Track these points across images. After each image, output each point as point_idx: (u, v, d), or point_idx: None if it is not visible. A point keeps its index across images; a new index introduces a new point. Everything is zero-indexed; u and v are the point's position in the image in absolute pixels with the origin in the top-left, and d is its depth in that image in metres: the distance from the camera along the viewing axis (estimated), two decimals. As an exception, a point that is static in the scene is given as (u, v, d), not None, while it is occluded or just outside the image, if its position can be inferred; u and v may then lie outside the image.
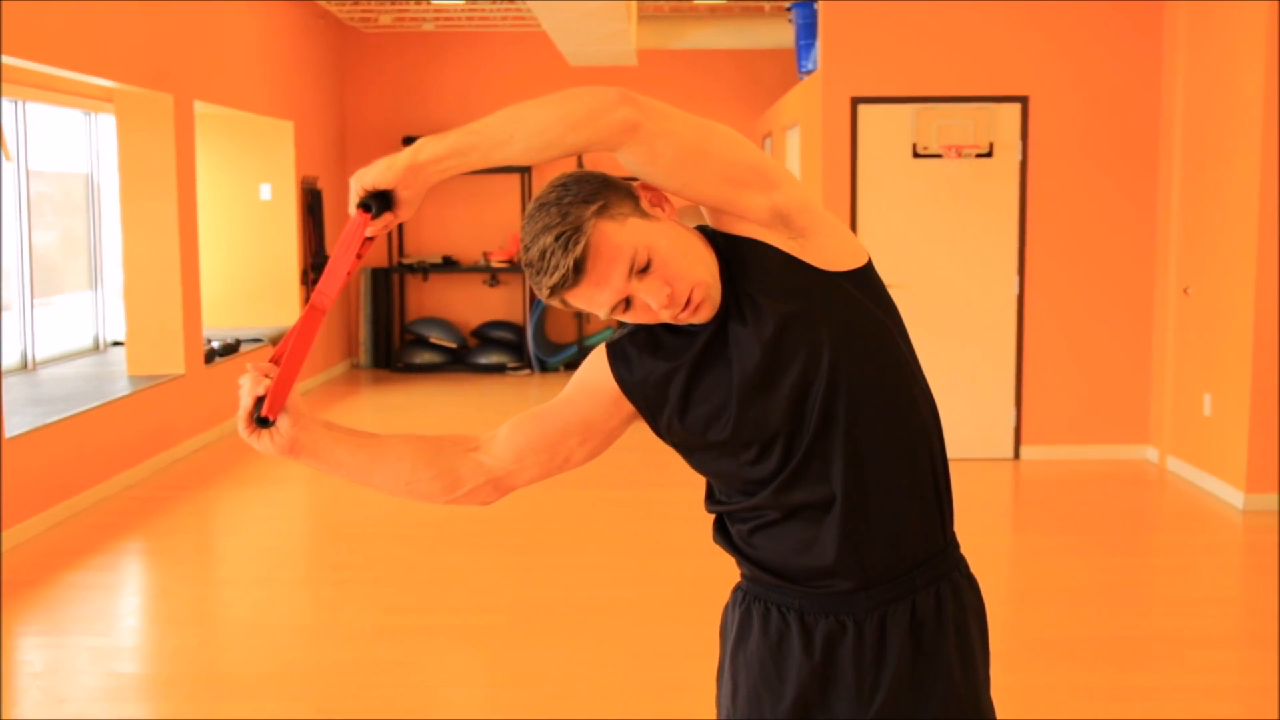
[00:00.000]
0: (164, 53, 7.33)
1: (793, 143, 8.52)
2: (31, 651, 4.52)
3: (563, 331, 11.38)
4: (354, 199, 1.54)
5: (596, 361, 1.73)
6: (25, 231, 8.02)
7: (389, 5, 10.21)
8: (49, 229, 8.76)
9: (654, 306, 1.59)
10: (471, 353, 11.09)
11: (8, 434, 5.67)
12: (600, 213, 1.55)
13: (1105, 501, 6.37)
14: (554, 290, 1.57)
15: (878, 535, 1.66)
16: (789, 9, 8.35)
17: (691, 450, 1.72)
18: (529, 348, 10.93)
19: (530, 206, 1.59)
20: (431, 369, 11.01)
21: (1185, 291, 6.63)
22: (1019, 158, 6.97)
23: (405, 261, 11.18)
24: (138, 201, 7.45)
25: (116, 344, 9.06)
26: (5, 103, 7.72)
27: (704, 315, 1.62)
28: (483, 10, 10.12)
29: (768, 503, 1.67)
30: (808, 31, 7.63)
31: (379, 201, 1.52)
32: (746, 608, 1.75)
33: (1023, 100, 6.93)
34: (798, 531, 1.67)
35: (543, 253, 1.55)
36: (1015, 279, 7.03)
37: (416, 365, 11.00)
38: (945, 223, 7.01)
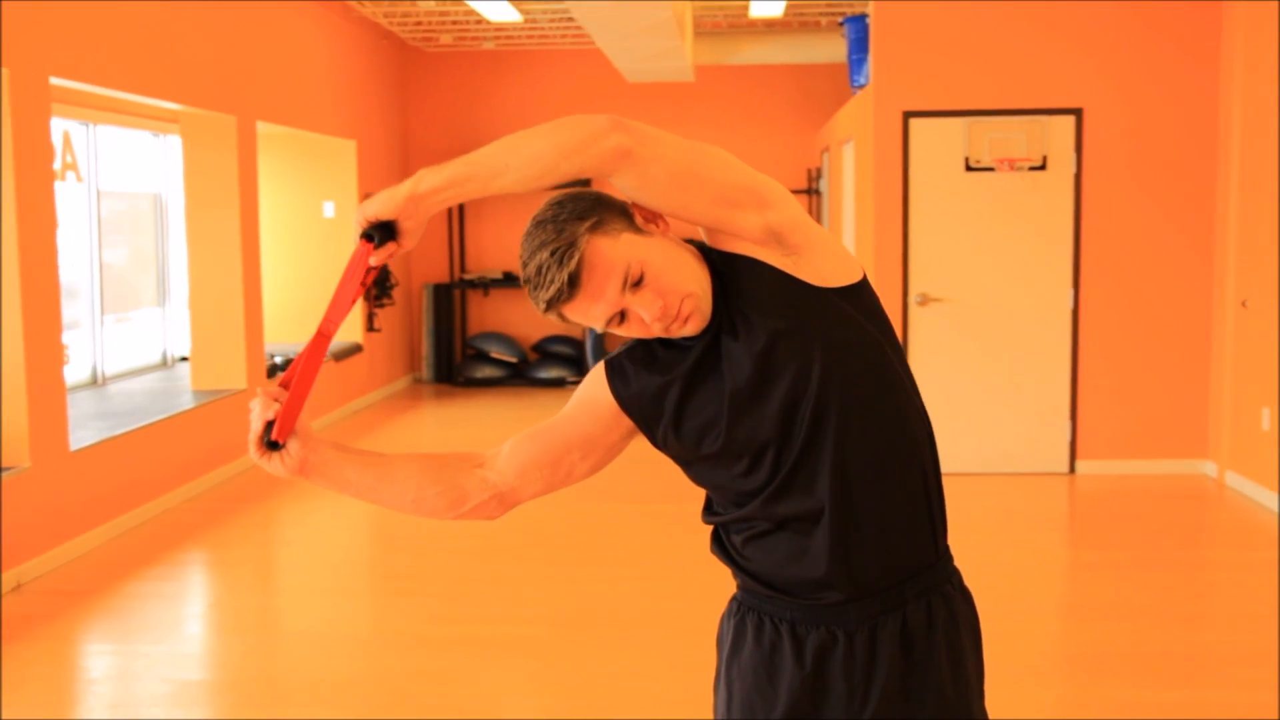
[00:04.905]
0: (228, 75, 7.51)
1: (848, 157, 8.52)
2: (94, 658, 4.67)
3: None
4: (357, 230, 1.60)
5: (596, 378, 1.78)
6: (96, 249, 8.25)
7: (450, 24, 10.36)
8: (119, 247, 9.00)
9: (646, 319, 1.63)
10: (531, 367, 11.20)
11: (74, 446, 5.85)
12: (594, 229, 1.60)
13: (1161, 516, 6.29)
14: (550, 304, 1.61)
15: (867, 547, 1.68)
16: (841, 23, 8.36)
17: (689, 462, 1.76)
18: (588, 362, 11.01)
19: (528, 225, 1.64)
20: (492, 383, 11.12)
21: (1243, 304, 6.53)
22: (1073, 170, 6.92)
23: (466, 277, 11.31)
24: (202, 220, 7.63)
25: (183, 359, 9.26)
26: (76, 125, 7.96)
27: (693, 327, 1.66)
28: (542, 29, 10.24)
29: (757, 513, 1.71)
30: (860, 46, 7.64)
31: (381, 232, 1.58)
32: (741, 618, 1.79)
33: (1077, 112, 6.88)
34: (788, 543, 1.71)
35: (539, 268, 1.60)
36: (1070, 292, 6.97)
37: (477, 380, 11.12)
38: (998, 236, 6.97)
